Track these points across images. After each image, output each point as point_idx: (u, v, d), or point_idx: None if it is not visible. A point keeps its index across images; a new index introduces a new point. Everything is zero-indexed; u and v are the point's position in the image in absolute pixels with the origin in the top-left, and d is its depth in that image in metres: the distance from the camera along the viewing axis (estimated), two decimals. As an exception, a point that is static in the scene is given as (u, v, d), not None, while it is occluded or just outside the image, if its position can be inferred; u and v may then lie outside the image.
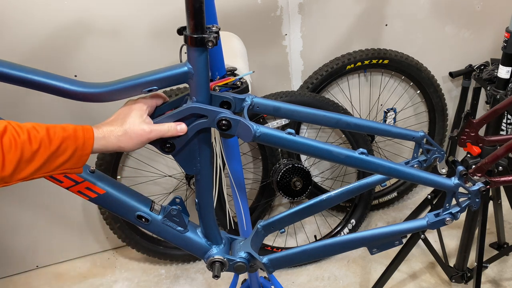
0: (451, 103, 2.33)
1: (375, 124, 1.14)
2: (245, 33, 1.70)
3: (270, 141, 0.90)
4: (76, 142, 0.74)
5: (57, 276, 2.10)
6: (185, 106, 0.86)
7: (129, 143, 0.81)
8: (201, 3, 0.79)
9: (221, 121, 0.86)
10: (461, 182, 1.04)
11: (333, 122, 1.07)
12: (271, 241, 2.14)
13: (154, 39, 1.76)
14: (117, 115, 0.84)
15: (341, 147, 0.94)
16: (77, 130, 0.75)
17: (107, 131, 0.80)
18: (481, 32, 2.20)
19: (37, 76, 0.81)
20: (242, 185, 1.27)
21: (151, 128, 0.83)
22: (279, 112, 1.02)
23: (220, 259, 1.01)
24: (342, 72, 1.99)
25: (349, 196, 1.19)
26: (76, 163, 0.75)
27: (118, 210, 0.93)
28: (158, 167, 2.02)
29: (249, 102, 0.96)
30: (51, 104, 1.78)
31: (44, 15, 1.61)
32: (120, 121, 0.82)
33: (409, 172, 1.00)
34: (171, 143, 0.89)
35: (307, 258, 1.09)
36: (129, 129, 0.81)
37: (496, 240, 1.93)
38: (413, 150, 1.24)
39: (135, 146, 0.82)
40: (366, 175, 1.24)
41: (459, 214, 1.07)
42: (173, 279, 2.04)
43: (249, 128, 0.87)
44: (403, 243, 2.03)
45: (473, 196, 1.06)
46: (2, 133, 0.65)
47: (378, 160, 0.96)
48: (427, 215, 1.09)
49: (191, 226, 1.01)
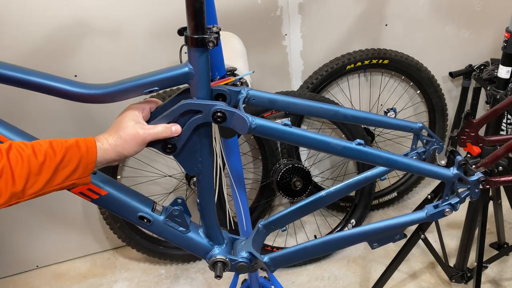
0: (451, 103, 2.34)
1: (372, 116, 1.12)
2: (245, 33, 1.70)
3: (266, 133, 0.89)
4: (79, 151, 0.76)
5: (57, 276, 2.10)
6: (178, 104, 0.86)
7: (126, 147, 0.82)
8: (202, 4, 0.79)
9: (216, 113, 0.85)
10: (460, 172, 1.02)
11: (331, 114, 1.05)
12: (271, 241, 2.14)
13: (154, 40, 1.76)
14: (112, 125, 0.85)
15: (338, 138, 0.92)
16: (79, 141, 0.77)
17: (105, 139, 0.81)
18: (481, 32, 2.21)
19: (37, 77, 0.81)
20: (242, 185, 1.27)
21: (145, 130, 0.84)
22: (275, 105, 1.00)
23: (222, 259, 1.01)
24: (342, 72, 1.99)
25: (349, 192, 1.18)
26: (83, 172, 0.77)
27: (120, 211, 0.93)
28: (158, 167, 2.02)
29: (245, 95, 0.94)
30: (52, 106, 1.78)
31: (44, 15, 1.61)
32: (115, 129, 0.83)
33: (407, 163, 0.98)
34: (173, 144, 0.89)
35: (308, 256, 1.09)
36: (123, 134, 0.82)
37: (496, 240, 1.93)
38: (412, 142, 1.22)
39: (132, 149, 0.83)
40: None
41: (458, 205, 1.06)
42: (173, 279, 2.04)
43: (245, 120, 0.85)
44: (405, 237, 2.04)
45: (472, 186, 1.05)
46: (8, 150, 0.68)
47: (375, 151, 0.95)
48: (426, 206, 1.07)
49: (193, 227, 1.01)
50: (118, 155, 0.82)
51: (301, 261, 1.97)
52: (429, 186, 2.42)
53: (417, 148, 1.22)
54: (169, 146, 0.89)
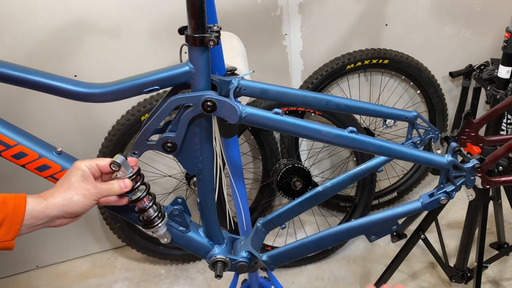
0: (451, 103, 2.34)
1: (366, 105, 1.09)
2: (245, 33, 1.70)
3: (257, 122, 0.87)
4: (5, 209, 0.66)
5: (57, 276, 2.10)
6: (167, 102, 0.85)
7: (71, 204, 0.72)
8: (202, 3, 0.79)
9: (206, 103, 0.84)
10: (454, 159, 1.00)
11: (323, 103, 1.03)
12: (271, 241, 2.14)
13: (155, 39, 1.76)
14: (59, 182, 0.76)
15: (330, 126, 0.91)
16: (6, 198, 0.67)
17: (45, 195, 0.72)
18: (481, 32, 2.21)
19: (37, 76, 0.81)
20: (242, 185, 1.27)
21: (94, 185, 0.75)
22: (267, 95, 0.99)
23: (222, 259, 1.01)
24: (342, 72, 1.99)
25: (345, 186, 1.17)
26: (5, 234, 0.66)
27: (120, 211, 0.92)
28: (158, 167, 2.02)
29: (236, 84, 0.93)
30: (52, 105, 1.78)
31: (43, 15, 1.61)
32: (59, 184, 0.75)
33: (400, 150, 0.96)
34: (172, 143, 0.88)
35: (307, 252, 1.08)
36: (68, 189, 0.72)
37: (496, 240, 1.93)
38: (407, 131, 1.19)
39: (78, 205, 0.73)
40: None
41: (454, 193, 1.03)
42: (173, 279, 2.04)
43: (235, 109, 0.84)
44: (405, 237, 2.04)
45: (467, 173, 1.02)
46: None
47: (368, 138, 0.93)
48: (421, 196, 1.05)
49: (193, 226, 1.01)
50: (61, 211, 0.72)
51: (300, 258, 1.97)
52: (429, 186, 2.42)
53: (412, 137, 1.19)
54: (169, 145, 0.89)
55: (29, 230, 0.71)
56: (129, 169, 0.80)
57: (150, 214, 0.86)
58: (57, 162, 0.83)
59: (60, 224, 0.75)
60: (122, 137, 1.79)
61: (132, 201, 0.83)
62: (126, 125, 1.77)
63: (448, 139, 1.19)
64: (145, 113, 1.76)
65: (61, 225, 0.76)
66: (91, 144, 1.86)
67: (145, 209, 0.85)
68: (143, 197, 0.84)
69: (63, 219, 0.75)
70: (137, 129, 1.77)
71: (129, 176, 0.80)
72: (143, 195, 0.83)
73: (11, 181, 1.84)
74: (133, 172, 0.80)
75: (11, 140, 0.79)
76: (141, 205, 0.84)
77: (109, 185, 0.77)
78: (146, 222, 0.87)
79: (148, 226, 0.87)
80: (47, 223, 0.73)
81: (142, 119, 1.77)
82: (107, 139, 1.80)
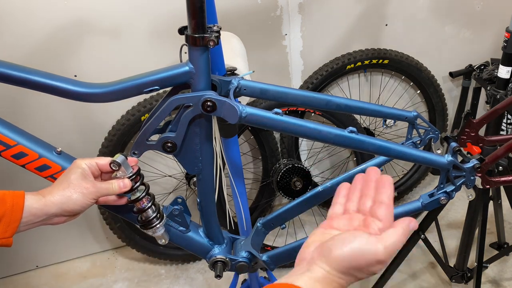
0: (451, 103, 2.34)
1: (366, 105, 1.09)
2: (245, 33, 1.70)
3: (257, 122, 0.87)
4: (3, 206, 0.66)
5: (57, 276, 2.10)
6: (167, 102, 0.85)
7: (70, 202, 0.72)
8: (202, 3, 0.80)
9: (206, 103, 0.84)
10: (454, 159, 1.00)
11: (323, 103, 1.03)
12: (271, 241, 2.14)
13: (155, 39, 1.76)
14: (58, 180, 0.76)
15: (330, 126, 0.91)
16: (5, 195, 0.67)
17: (43, 192, 0.72)
18: (481, 32, 2.21)
19: (37, 76, 0.81)
20: (242, 185, 1.27)
21: (93, 184, 0.75)
22: (266, 94, 0.99)
23: (222, 259, 1.01)
24: (342, 72, 1.99)
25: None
26: (3, 231, 0.66)
27: (118, 210, 0.93)
28: (158, 167, 2.02)
29: (236, 84, 0.94)
30: (52, 105, 1.78)
31: (44, 15, 1.61)
32: (58, 182, 0.74)
33: (400, 150, 0.96)
34: (172, 143, 0.89)
35: None
36: (67, 187, 0.72)
37: (496, 240, 1.93)
38: (407, 131, 1.19)
39: (76, 203, 0.73)
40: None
41: (454, 193, 1.04)
42: (173, 279, 2.04)
43: (235, 109, 0.84)
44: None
45: (467, 173, 1.03)
46: None
47: (368, 138, 0.93)
48: (421, 196, 1.05)
49: (193, 226, 1.01)
50: (59, 209, 0.72)
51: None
52: (429, 186, 2.42)
53: (412, 137, 1.19)
54: (169, 145, 0.89)
55: (27, 228, 0.71)
56: (129, 169, 0.80)
57: (149, 215, 0.86)
58: (57, 162, 0.83)
59: (58, 222, 0.75)
60: (122, 137, 1.79)
61: (131, 201, 0.83)
62: (126, 125, 1.77)
63: (448, 139, 1.19)
64: (145, 113, 1.76)
65: (59, 223, 0.75)
66: (91, 144, 1.86)
67: (144, 209, 0.85)
68: (142, 198, 0.84)
69: (61, 217, 0.75)
70: (137, 129, 1.77)
71: (129, 176, 0.80)
72: (142, 196, 0.83)
73: (11, 181, 1.83)
74: (133, 172, 0.80)
75: (11, 140, 0.79)
76: (140, 205, 0.84)
77: (109, 185, 0.77)
78: (145, 223, 0.87)
79: (146, 226, 0.87)
80: (45, 221, 0.73)
81: (142, 119, 1.77)
82: (107, 139, 1.80)
